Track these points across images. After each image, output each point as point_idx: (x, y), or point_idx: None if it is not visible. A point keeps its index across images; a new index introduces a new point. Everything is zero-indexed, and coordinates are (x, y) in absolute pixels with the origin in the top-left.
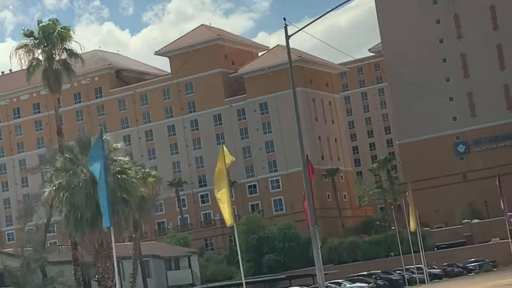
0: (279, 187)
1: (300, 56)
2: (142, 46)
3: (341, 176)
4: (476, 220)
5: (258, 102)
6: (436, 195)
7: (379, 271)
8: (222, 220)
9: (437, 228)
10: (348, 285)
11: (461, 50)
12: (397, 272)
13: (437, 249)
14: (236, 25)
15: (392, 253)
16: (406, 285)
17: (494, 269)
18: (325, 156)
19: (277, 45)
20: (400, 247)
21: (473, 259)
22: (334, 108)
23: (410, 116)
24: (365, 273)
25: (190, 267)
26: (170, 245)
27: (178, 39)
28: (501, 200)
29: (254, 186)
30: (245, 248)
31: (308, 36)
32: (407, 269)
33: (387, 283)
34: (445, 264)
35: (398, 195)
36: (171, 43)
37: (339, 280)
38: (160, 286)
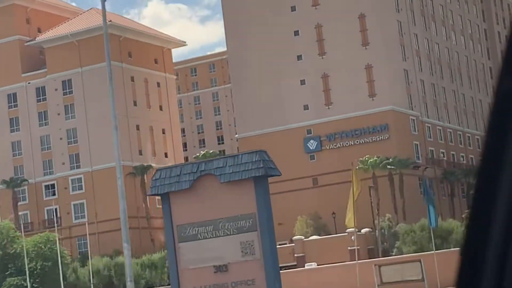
0: (82, 188)
1: (110, 21)
2: None
3: None
4: (314, 237)
5: (61, 79)
6: (281, 204)
7: None
8: None
9: (279, 245)
10: None
11: (317, 20)
12: None
13: None
14: None
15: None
16: None
17: None
18: (145, 150)
19: (91, 8)
20: None
21: None
22: (164, 91)
23: (253, 103)
24: None
25: None
26: None
27: None
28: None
29: (52, 186)
30: None
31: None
32: None
33: None
34: None
35: None
36: None
37: None
38: None
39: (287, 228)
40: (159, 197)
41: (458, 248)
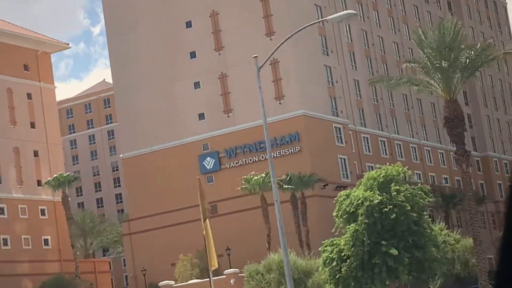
0: None
1: None
2: None
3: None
4: (192, 281)
5: None
6: (171, 239)
7: None
8: None
9: None
10: None
11: (211, 6)
12: None
13: None
14: None
15: None
16: None
17: None
18: (5, 177)
19: None
20: None
21: None
22: (39, 104)
23: (140, 114)
24: None
25: None
26: None
27: None
28: None
29: None
30: None
31: None
32: None
33: None
34: None
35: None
36: None
37: None
38: None
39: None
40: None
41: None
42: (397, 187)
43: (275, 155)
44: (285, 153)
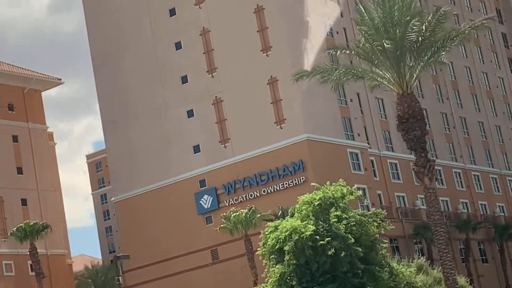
0: None
1: None
2: None
3: None
4: None
5: None
6: None
7: None
8: None
9: None
10: None
11: (202, 23)
12: None
13: None
14: None
15: None
16: None
17: None
18: None
19: None
20: None
21: None
22: (27, 147)
23: (132, 152)
24: None
25: None
26: None
27: None
28: None
29: None
30: None
31: None
32: None
33: None
34: None
35: None
36: None
37: None
38: None
39: None
40: None
41: None
42: (338, 213)
43: (278, 188)
44: (289, 185)
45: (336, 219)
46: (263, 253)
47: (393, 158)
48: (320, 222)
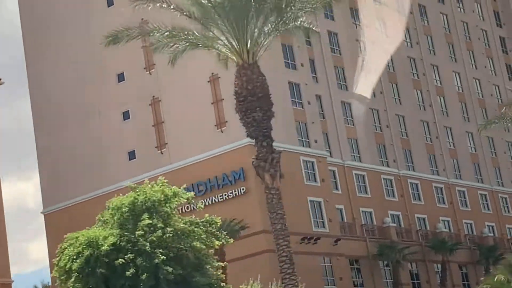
0: None
1: None
2: None
3: None
4: None
5: None
6: None
7: None
8: None
9: None
10: None
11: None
12: None
13: None
14: None
15: None
16: None
17: None
18: None
19: None
20: None
21: None
22: None
23: (64, 159)
24: None
25: None
26: None
27: None
28: None
29: None
30: None
31: None
32: None
33: None
34: None
35: None
36: None
37: None
38: None
39: None
40: None
41: None
42: (151, 222)
43: (216, 200)
44: (228, 196)
45: (144, 230)
46: (58, 274)
47: (360, 169)
48: (125, 234)
